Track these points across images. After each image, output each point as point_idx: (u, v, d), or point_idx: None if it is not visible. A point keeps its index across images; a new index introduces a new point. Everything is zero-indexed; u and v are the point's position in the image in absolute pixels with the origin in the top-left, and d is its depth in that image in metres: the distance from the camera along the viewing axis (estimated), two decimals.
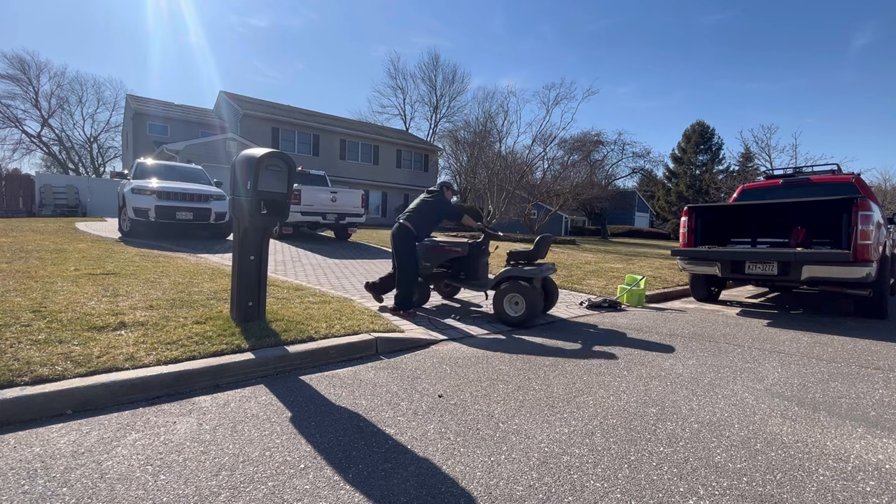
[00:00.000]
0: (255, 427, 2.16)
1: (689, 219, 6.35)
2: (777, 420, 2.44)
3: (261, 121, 23.94)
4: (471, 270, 5.00)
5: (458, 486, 1.74)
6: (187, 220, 8.77)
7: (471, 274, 5.00)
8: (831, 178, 6.53)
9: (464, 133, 26.52)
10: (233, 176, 3.40)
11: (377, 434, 2.14)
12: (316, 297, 4.64)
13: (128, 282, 4.52)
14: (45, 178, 21.88)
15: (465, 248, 4.87)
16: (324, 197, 10.48)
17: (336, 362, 3.16)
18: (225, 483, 1.71)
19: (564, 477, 1.83)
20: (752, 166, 29.82)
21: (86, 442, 1.96)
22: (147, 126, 25.78)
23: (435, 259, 4.89)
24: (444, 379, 2.91)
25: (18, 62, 35.67)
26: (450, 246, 4.87)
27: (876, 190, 24.81)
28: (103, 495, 1.60)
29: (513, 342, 3.87)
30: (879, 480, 1.86)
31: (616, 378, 3.04)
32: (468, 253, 4.88)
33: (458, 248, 4.85)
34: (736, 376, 3.16)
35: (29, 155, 40.17)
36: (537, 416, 2.40)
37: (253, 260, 3.36)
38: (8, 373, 2.30)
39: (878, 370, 3.40)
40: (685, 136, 42.87)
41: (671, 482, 1.81)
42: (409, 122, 47.43)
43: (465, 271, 5.02)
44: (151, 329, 3.11)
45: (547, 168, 24.44)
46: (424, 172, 31.07)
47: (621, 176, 32.08)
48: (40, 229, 9.54)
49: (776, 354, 3.77)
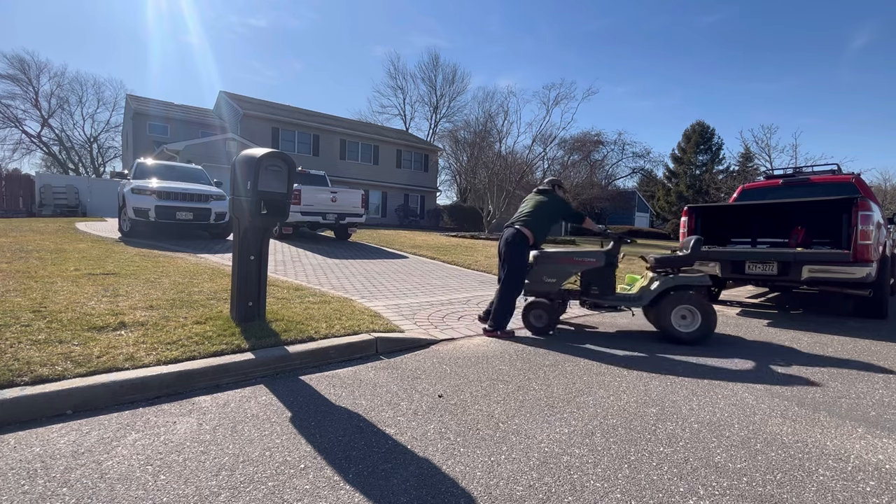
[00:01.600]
0: (255, 427, 2.16)
1: (689, 219, 6.35)
2: (777, 420, 2.44)
3: (261, 121, 23.94)
4: (606, 284, 4.31)
5: (458, 486, 1.74)
6: (187, 220, 8.77)
7: (606, 288, 4.31)
8: (831, 178, 6.53)
9: (464, 133, 26.58)
10: (233, 176, 3.40)
11: (377, 434, 2.14)
12: (316, 297, 4.64)
13: (128, 282, 4.52)
14: (45, 178, 21.87)
15: (600, 258, 4.24)
16: (324, 197, 10.49)
17: (336, 362, 3.16)
18: (225, 483, 1.71)
19: (564, 477, 1.83)
20: (752, 166, 29.85)
21: (86, 442, 1.96)
22: (147, 126, 25.78)
23: (563, 273, 4.26)
24: (444, 379, 2.91)
25: (18, 62, 35.72)
26: (581, 256, 4.29)
27: (876, 190, 24.82)
28: (103, 495, 1.60)
29: (512, 343, 3.87)
30: (879, 480, 1.86)
31: (616, 378, 3.04)
32: (604, 263, 4.25)
33: (591, 259, 4.25)
34: (736, 376, 3.16)
35: (29, 155, 40.23)
36: (537, 416, 2.40)
37: (253, 260, 3.36)
38: (8, 373, 2.30)
39: (878, 370, 3.40)
40: (685, 136, 42.89)
41: (671, 482, 1.81)
42: (409, 122, 47.44)
43: (599, 285, 4.32)
44: (151, 329, 3.11)
45: (547, 168, 24.48)
46: (424, 172, 31.07)
47: (621, 176, 32.20)
48: (40, 229, 9.54)
49: (776, 354, 3.77)
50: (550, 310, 4.20)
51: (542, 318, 4.19)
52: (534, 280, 4.29)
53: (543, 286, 4.28)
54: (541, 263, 4.26)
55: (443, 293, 5.76)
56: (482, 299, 5.53)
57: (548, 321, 4.19)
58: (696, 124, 42.21)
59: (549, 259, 4.29)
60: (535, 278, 4.28)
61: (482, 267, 8.28)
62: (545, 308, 4.21)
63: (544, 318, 4.18)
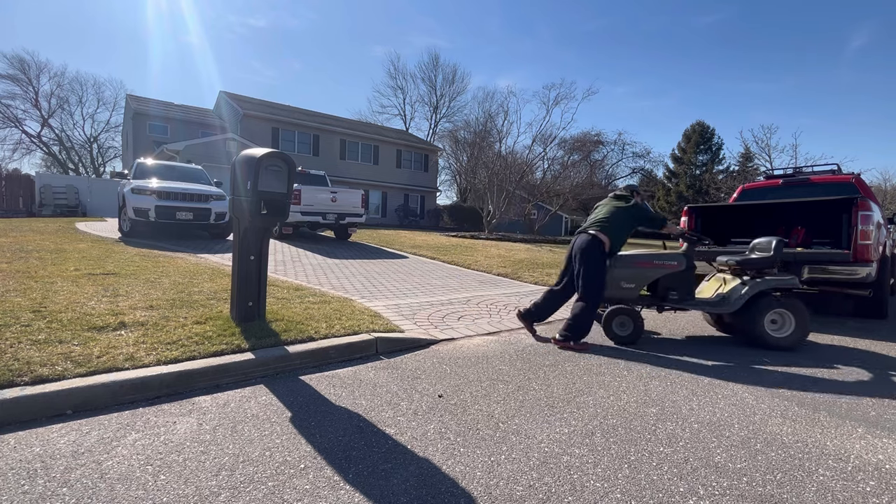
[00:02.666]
0: (255, 427, 2.16)
1: (689, 219, 6.35)
2: (777, 420, 2.44)
3: (261, 121, 23.95)
4: (686, 288, 4.10)
5: (458, 486, 1.74)
6: (187, 220, 8.77)
7: (686, 292, 4.10)
8: (831, 178, 6.53)
9: (464, 133, 26.60)
10: (233, 176, 3.40)
11: (377, 434, 2.14)
12: (316, 297, 4.64)
13: (128, 282, 4.52)
14: (45, 178, 21.86)
15: (681, 261, 4.04)
16: (324, 197, 10.49)
17: (336, 362, 3.16)
18: (225, 483, 1.71)
19: (564, 477, 1.83)
20: (752, 166, 29.88)
21: (86, 442, 1.96)
22: (147, 126, 25.77)
23: (643, 278, 4.05)
24: (444, 379, 2.91)
25: (18, 62, 35.70)
26: (662, 259, 4.07)
27: (876, 190, 24.82)
28: (103, 495, 1.60)
29: (512, 343, 3.87)
30: (879, 480, 1.86)
31: (616, 378, 3.04)
32: (685, 266, 4.06)
33: (672, 262, 4.04)
34: (736, 376, 3.16)
35: (29, 155, 40.21)
36: (537, 416, 2.40)
37: (253, 260, 3.36)
38: (8, 373, 2.30)
39: (879, 370, 3.40)
40: (685, 136, 42.89)
41: (671, 482, 1.81)
42: (409, 122, 47.47)
43: (679, 289, 4.09)
44: (151, 329, 3.11)
45: (547, 168, 24.47)
46: (424, 172, 31.08)
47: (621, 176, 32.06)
48: (40, 229, 9.54)
49: (776, 354, 3.77)
50: (637, 317, 3.96)
51: (626, 327, 3.95)
52: (611, 285, 4.03)
53: (621, 292, 4.05)
54: (618, 267, 4.04)
55: (443, 293, 5.75)
56: (482, 299, 5.53)
57: (633, 329, 3.93)
58: (696, 124, 42.21)
59: (627, 262, 4.06)
60: (612, 283, 4.03)
61: (482, 267, 8.28)
62: (631, 315, 3.95)
63: (629, 327, 3.94)
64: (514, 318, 4.54)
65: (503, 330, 4.25)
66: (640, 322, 3.95)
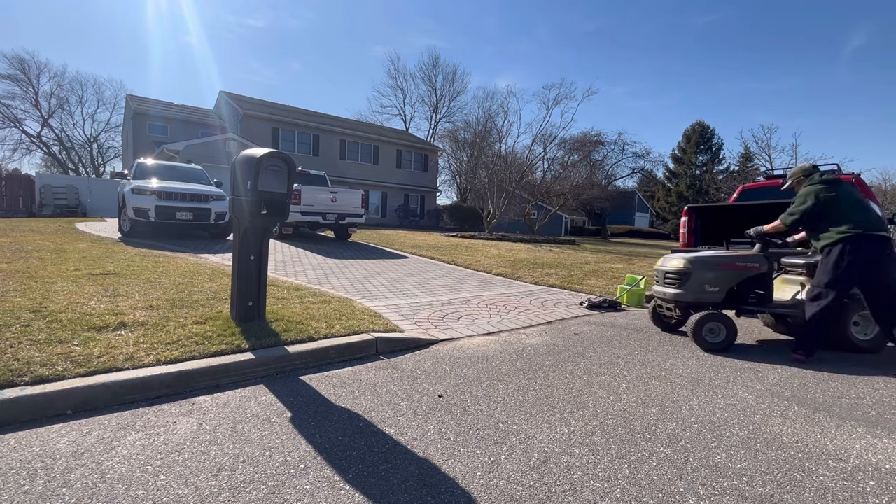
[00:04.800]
0: (255, 427, 2.16)
1: (689, 219, 6.35)
2: (777, 420, 2.44)
3: (261, 121, 23.94)
4: (767, 290, 3.97)
5: (458, 486, 1.74)
6: (187, 220, 8.77)
7: (767, 295, 3.97)
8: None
9: (464, 133, 26.58)
10: (233, 176, 3.40)
11: (377, 434, 2.14)
12: (316, 297, 4.64)
13: (128, 282, 4.52)
14: (45, 178, 21.85)
15: (763, 263, 3.91)
16: (324, 197, 10.49)
17: (336, 362, 3.16)
18: (225, 483, 1.71)
19: (564, 477, 1.83)
20: (752, 166, 29.87)
21: (86, 442, 1.96)
22: (147, 126, 25.76)
23: (727, 280, 3.89)
24: (444, 379, 2.91)
25: (18, 62, 35.68)
26: (745, 261, 3.92)
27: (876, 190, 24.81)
28: (103, 495, 1.60)
29: (512, 343, 3.87)
30: (879, 480, 1.86)
31: (616, 378, 3.04)
32: (767, 268, 3.93)
33: (755, 264, 3.90)
34: (736, 376, 3.16)
35: (29, 155, 40.20)
36: (537, 416, 2.40)
37: (253, 260, 3.36)
38: (8, 373, 2.30)
39: (878, 370, 3.40)
40: (685, 136, 42.91)
41: (671, 482, 1.81)
42: (409, 122, 47.46)
43: (760, 292, 3.98)
44: (151, 329, 3.11)
45: (547, 168, 24.49)
46: (424, 172, 31.07)
47: (621, 176, 32.16)
48: (40, 229, 9.54)
49: (776, 354, 3.77)
50: (730, 323, 3.79)
51: (718, 333, 3.79)
52: (694, 289, 3.92)
53: (706, 296, 3.91)
54: (701, 270, 3.91)
55: (443, 293, 5.75)
56: (482, 299, 5.53)
57: (727, 335, 3.78)
58: (696, 124, 42.24)
59: (711, 265, 3.91)
60: (695, 287, 3.91)
61: (482, 267, 8.28)
62: (723, 321, 3.79)
63: (721, 333, 3.79)
64: (514, 318, 4.55)
65: (503, 330, 4.25)
66: (732, 328, 3.79)
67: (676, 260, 4.11)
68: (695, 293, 3.94)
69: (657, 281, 4.35)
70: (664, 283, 4.20)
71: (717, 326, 3.79)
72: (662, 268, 4.26)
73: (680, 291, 4.00)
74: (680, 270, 4.03)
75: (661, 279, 4.27)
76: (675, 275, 4.07)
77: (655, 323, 4.55)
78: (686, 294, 3.96)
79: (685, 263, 3.99)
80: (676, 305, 4.11)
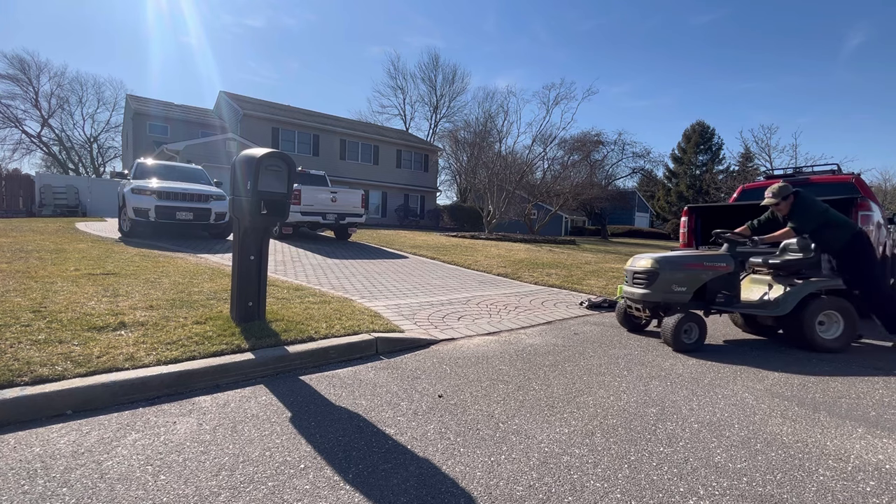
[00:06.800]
0: (255, 427, 2.16)
1: (689, 219, 6.35)
2: (777, 420, 2.44)
3: (261, 121, 23.95)
4: (734, 290, 4.03)
5: (458, 486, 1.74)
6: (187, 220, 8.77)
7: (734, 294, 4.03)
8: (831, 178, 6.52)
9: (464, 133, 26.54)
10: (233, 176, 3.40)
11: (377, 434, 2.14)
12: (316, 297, 4.64)
13: (128, 282, 4.52)
14: (45, 178, 21.86)
15: (730, 263, 3.97)
16: (324, 197, 10.49)
17: (336, 362, 3.16)
18: (225, 483, 1.71)
19: (564, 477, 1.83)
20: (752, 166, 29.89)
21: (86, 442, 1.96)
22: (147, 126, 25.76)
23: (694, 280, 3.92)
24: (444, 379, 2.91)
25: (18, 62, 35.70)
26: (712, 261, 3.96)
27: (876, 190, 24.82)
28: (103, 495, 1.60)
29: (512, 343, 3.87)
30: (879, 480, 1.86)
31: (616, 378, 3.04)
32: (734, 267, 3.99)
33: (722, 263, 3.95)
34: (736, 376, 3.16)
35: (29, 155, 40.20)
36: (537, 416, 2.40)
37: (253, 260, 3.36)
38: (8, 373, 2.30)
39: (878, 370, 3.40)
40: (685, 136, 42.93)
41: (671, 482, 1.81)
42: (409, 122, 47.50)
43: (727, 292, 4.03)
44: (151, 329, 3.11)
45: (547, 168, 24.47)
46: (424, 172, 31.08)
47: (621, 176, 32.13)
48: (40, 229, 9.54)
49: (776, 354, 3.77)
50: (702, 323, 3.81)
51: (691, 334, 3.77)
52: (662, 289, 3.91)
53: (674, 296, 3.90)
54: (668, 270, 3.91)
55: (443, 293, 5.75)
56: (482, 299, 5.53)
57: (699, 336, 3.78)
58: (696, 124, 42.27)
59: (678, 265, 3.92)
60: (663, 287, 3.91)
61: (482, 267, 8.28)
62: (697, 321, 3.78)
63: (695, 333, 3.77)
64: (514, 318, 4.54)
65: (503, 330, 4.25)
66: (704, 328, 3.80)
67: (644, 260, 4.10)
68: (663, 293, 3.92)
69: (626, 281, 4.31)
70: (633, 284, 4.17)
71: (691, 327, 3.78)
72: (631, 268, 4.23)
73: (648, 291, 3.96)
74: (648, 270, 4.00)
75: (629, 279, 4.24)
76: (643, 275, 4.04)
77: (623, 324, 4.48)
78: (654, 294, 3.94)
79: (653, 263, 3.97)
80: (645, 305, 4.06)
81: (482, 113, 36.02)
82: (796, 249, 4.13)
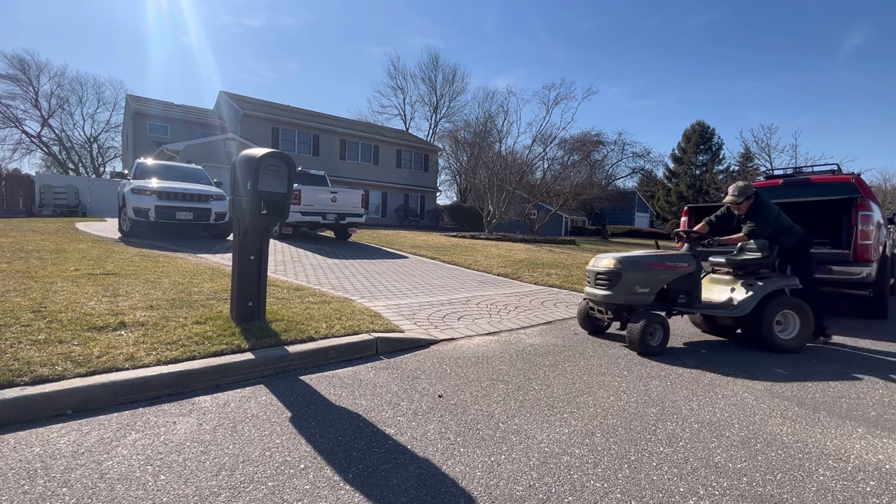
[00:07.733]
0: (255, 427, 2.16)
1: (689, 219, 6.35)
2: (777, 420, 2.44)
3: (261, 121, 23.94)
4: (695, 291, 3.99)
5: (458, 486, 1.74)
6: (187, 220, 8.77)
7: (695, 295, 3.99)
8: (831, 178, 6.52)
9: (464, 133, 26.51)
10: (233, 176, 3.40)
11: (377, 434, 2.14)
12: (316, 297, 4.64)
13: (128, 282, 4.52)
14: (45, 178, 21.86)
15: (692, 263, 3.94)
16: (324, 197, 10.49)
17: (336, 362, 3.16)
18: (225, 483, 1.71)
19: (564, 477, 1.83)
20: (752, 166, 29.90)
21: (86, 442, 1.96)
22: (147, 126, 25.76)
23: (657, 281, 3.87)
24: (444, 379, 2.91)
25: (18, 62, 35.69)
26: (674, 261, 3.92)
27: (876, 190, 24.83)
28: (103, 495, 1.60)
29: (512, 343, 3.87)
30: (879, 480, 1.86)
31: (616, 378, 3.04)
32: (695, 268, 3.96)
33: (683, 264, 3.93)
34: (736, 376, 3.16)
35: (29, 155, 40.20)
36: (537, 416, 2.40)
37: (253, 260, 3.36)
38: (8, 373, 2.30)
39: (879, 371, 3.40)
40: (685, 136, 42.93)
41: (671, 482, 1.81)
42: (409, 122, 47.49)
43: (688, 293, 3.99)
44: (151, 329, 3.11)
45: (547, 168, 24.45)
46: (424, 172, 31.07)
47: (621, 176, 32.10)
48: (40, 229, 9.54)
49: (776, 355, 3.77)
50: (666, 324, 3.76)
51: (657, 335, 3.69)
52: (624, 290, 3.81)
53: (636, 297, 3.82)
54: (631, 271, 3.82)
55: (443, 293, 5.75)
56: (482, 299, 5.53)
57: (663, 338, 3.71)
58: (696, 124, 42.27)
59: (641, 265, 3.85)
60: (626, 288, 3.80)
61: (482, 267, 8.28)
62: (661, 323, 3.73)
63: (659, 335, 3.69)
64: (514, 318, 4.54)
65: (503, 330, 4.25)
66: (668, 329, 3.78)
67: (607, 260, 3.98)
68: (626, 295, 3.82)
69: (588, 282, 4.20)
70: (595, 285, 4.04)
71: (655, 328, 3.69)
72: (593, 268, 4.09)
73: (610, 293, 3.84)
74: (610, 271, 3.88)
75: (591, 280, 4.11)
76: (605, 276, 3.92)
77: (583, 325, 4.33)
78: (617, 296, 3.82)
79: (615, 264, 3.87)
80: (608, 307, 3.95)
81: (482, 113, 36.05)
82: (754, 249, 4.12)
